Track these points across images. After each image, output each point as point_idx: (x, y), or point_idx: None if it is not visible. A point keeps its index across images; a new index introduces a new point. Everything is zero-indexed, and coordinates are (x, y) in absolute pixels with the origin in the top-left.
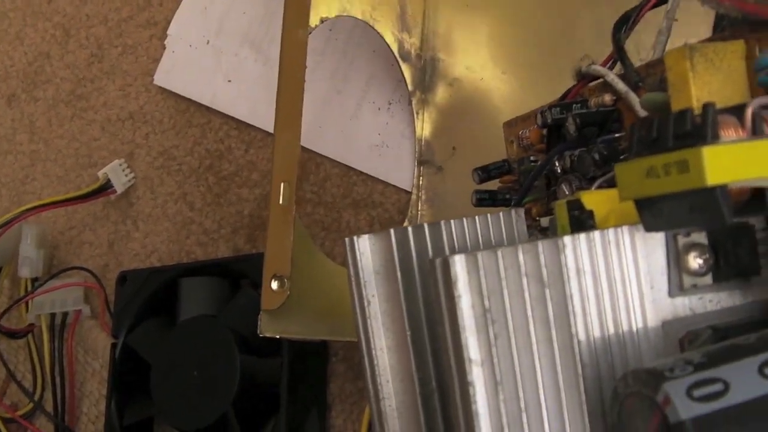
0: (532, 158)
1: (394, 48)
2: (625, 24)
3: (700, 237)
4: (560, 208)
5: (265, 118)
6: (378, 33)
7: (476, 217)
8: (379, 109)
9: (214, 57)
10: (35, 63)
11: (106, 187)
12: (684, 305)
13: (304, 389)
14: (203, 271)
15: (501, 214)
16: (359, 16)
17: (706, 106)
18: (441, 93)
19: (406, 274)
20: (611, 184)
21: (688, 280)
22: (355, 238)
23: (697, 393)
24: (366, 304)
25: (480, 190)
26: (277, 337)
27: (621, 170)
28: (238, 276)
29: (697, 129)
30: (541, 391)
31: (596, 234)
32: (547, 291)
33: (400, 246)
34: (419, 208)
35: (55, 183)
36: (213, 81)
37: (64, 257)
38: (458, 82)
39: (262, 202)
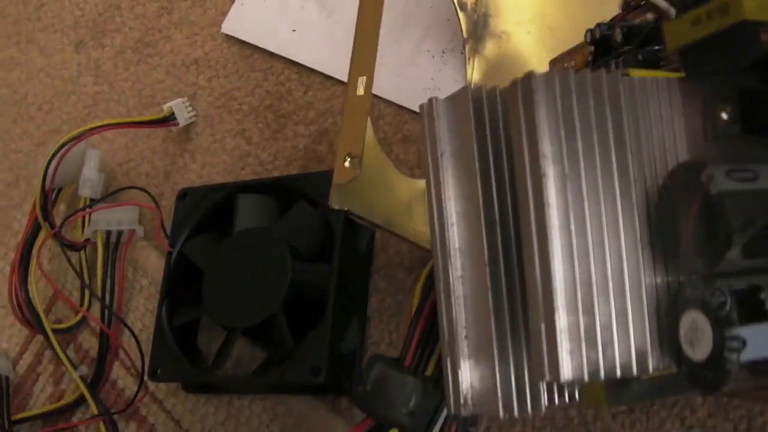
0: None
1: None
2: None
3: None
4: None
5: (326, 63)
6: None
7: None
8: (433, 57)
9: (280, 9)
10: (105, 14)
11: (169, 119)
12: (716, 149)
13: (347, 299)
14: (259, 188)
15: None
16: None
17: None
18: (491, 44)
19: (479, 127)
20: None
21: (720, 128)
22: (431, 99)
23: (733, 175)
24: (439, 155)
25: None
26: (345, 209)
27: (669, 25)
28: (293, 194)
29: None
30: (600, 193)
31: (648, 79)
32: (608, 110)
33: (476, 103)
34: None
35: None
36: (279, 30)
37: (121, 185)
38: (506, 35)
39: (317, 138)
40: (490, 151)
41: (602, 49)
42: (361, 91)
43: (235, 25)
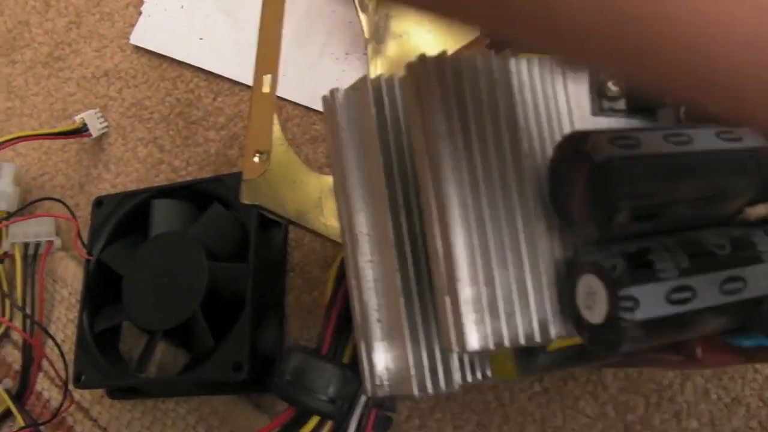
0: None
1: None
2: None
3: None
4: None
5: (234, 69)
6: None
7: None
8: (337, 59)
9: (187, 19)
10: (14, 30)
11: (81, 130)
12: (603, 124)
13: (265, 296)
14: (174, 193)
15: None
16: None
17: None
18: (392, 45)
19: (379, 113)
20: None
21: (606, 103)
22: (332, 90)
23: (617, 143)
24: (342, 144)
25: None
26: (256, 204)
27: None
28: (207, 197)
29: None
30: (494, 169)
31: (536, 59)
32: (498, 89)
33: (376, 92)
34: None
35: None
36: (186, 39)
37: (37, 198)
38: (407, 34)
39: (228, 142)
40: (391, 137)
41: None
42: (266, 89)
43: (143, 36)
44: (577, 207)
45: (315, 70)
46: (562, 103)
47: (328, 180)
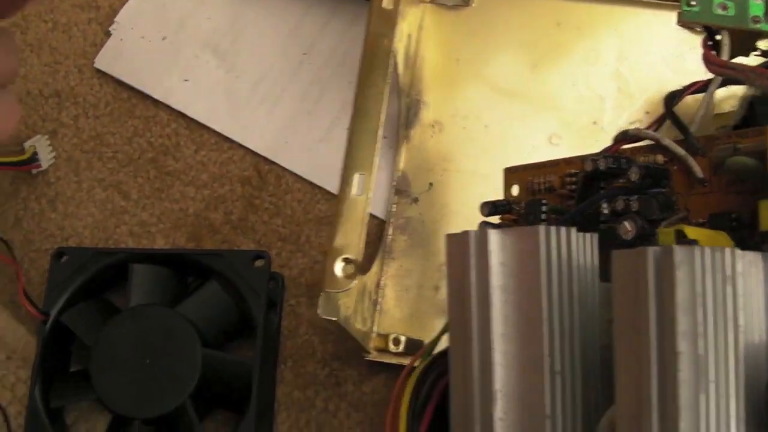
0: (543, 201)
1: None
2: (673, 99)
3: None
4: (667, 235)
5: (222, 123)
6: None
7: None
8: None
9: (170, 54)
10: None
11: (32, 160)
12: None
13: (264, 392)
14: (156, 259)
15: None
16: None
17: None
18: (423, 132)
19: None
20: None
21: None
22: (486, 230)
23: None
24: (490, 290)
25: (486, 222)
26: (333, 319)
27: (765, 205)
28: (201, 271)
29: None
30: (724, 374)
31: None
32: (729, 288)
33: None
34: (390, 233)
35: None
36: (167, 77)
37: None
38: (440, 125)
39: (211, 204)
40: (556, 297)
41: (592, 180)
42: (356, 190)
43: (111, 61)
44: None
45: (324, 144)
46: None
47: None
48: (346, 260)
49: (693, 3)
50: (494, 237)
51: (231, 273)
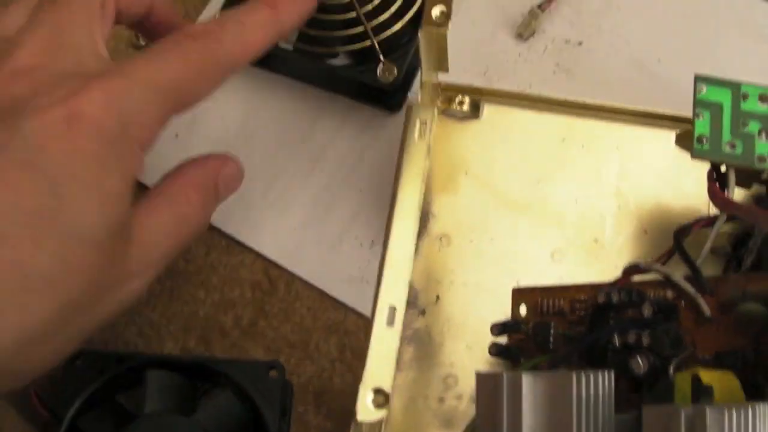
0: (551, 325)
1: None
2: (682, 234)
3: None
4: (684, 380)
5: (235, 227)
6: None
7: None
8: (361, 244)
9: (182, 152)
10: None
11: None
12: None
13: None
14: (171, 364)
15: None
16: None
17: None
18: (431, 244)
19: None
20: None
21: None
22: (521, 375)
23: None
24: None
25: (497, 343)
26: None
27: None
28: (215, 379)
29: None
30: None
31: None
32: None
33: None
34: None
35: None
36: None
37: None
38: (447, 237)
39: (221, 307)
40: None
41: (603, 310)
42: (387, 322)
43: None
44: None
45: (334, 253)
46: None
47: None
48: (377, 391)
49: (704, 141)
50: (527, 381)
51: (246, 382)
